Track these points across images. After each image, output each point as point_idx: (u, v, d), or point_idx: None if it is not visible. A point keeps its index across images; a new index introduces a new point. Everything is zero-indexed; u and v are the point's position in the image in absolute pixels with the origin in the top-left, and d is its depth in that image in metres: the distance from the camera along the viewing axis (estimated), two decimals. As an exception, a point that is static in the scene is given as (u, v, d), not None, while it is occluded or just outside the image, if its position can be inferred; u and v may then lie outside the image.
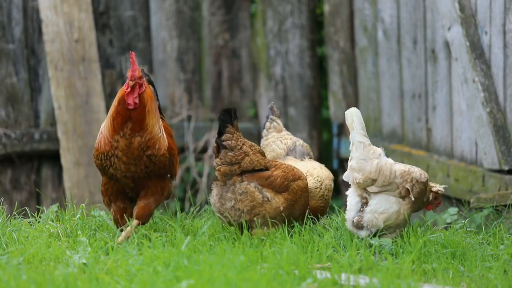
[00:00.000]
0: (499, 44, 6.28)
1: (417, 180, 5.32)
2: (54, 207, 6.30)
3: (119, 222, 5.30)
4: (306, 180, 5.50)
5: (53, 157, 7.57)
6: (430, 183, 5.45)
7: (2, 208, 5.49)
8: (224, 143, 5.25)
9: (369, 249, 4.95)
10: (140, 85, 5.20)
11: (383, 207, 5.29)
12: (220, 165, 5.29)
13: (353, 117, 5.36)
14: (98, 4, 7.75)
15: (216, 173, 5.32)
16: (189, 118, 7.74)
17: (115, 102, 5.20)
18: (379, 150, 5.36)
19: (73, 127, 7.50)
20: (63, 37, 7.51)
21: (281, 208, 5.34)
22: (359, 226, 5.29)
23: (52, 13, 7.48)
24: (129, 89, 5.15)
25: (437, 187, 5.44)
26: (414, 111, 7.25)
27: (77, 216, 5.40)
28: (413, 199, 5.27)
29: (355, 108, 5.40)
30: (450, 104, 6.85)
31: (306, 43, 8.10)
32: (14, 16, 7.46)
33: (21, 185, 7.58)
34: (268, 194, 5.31)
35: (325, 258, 4.80)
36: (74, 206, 5.57)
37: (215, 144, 5.35)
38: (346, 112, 5.39)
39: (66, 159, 7.50)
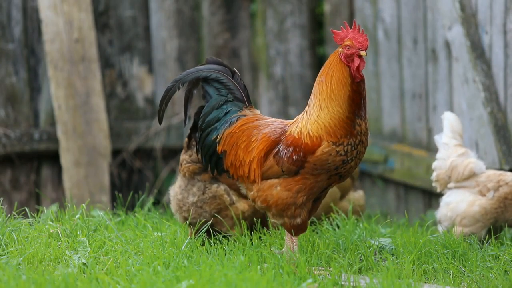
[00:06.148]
0: (500, 43, 6.27)
1: (506, 183, 5.31)
2: (54, 207, 6.30)
3: (305, 227, 4.67)
4: None
5: (53, 157, 7.56)
6: None
7: (2, 208, 5.48)
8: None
9: (369, 250, 4.95)
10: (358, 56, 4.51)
11: (455, 199, 5.37)
12: (190, 163, 5.06)
13: (444, 120, 5.50)
14: (98, 4, 7.74)
15: (184, 170, 5.06)
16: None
17: (339, 79, 4.48)
18: (462, 150, 5.45)
19: (73, 127, 7.49)
20: (63, 37, 7.50)
21: (246, 213, 5.20)
22: (439, 221, 5.44)
23: (51, 12, 7.47)
24: (360, 62, 4.45)
25: None
26: (415, 111, 7.25)
27: (77, 216, 5.39)
28: (490, 196, 5.30)
29: (450, 112, 5.57)
30: (451, 104, 6.85)
31: (307, 42, 8.09)
32: (14, 15, 7.45)
33: (20, 185, 7.56)
34: (234, 197, 5.16)
35: (325, 258, 4.79)
36: (74, 206, 5.56)
37: (186, 139, 5.07)
38: (441, 116, 5.57)
39: (65, 159, 7.49)
